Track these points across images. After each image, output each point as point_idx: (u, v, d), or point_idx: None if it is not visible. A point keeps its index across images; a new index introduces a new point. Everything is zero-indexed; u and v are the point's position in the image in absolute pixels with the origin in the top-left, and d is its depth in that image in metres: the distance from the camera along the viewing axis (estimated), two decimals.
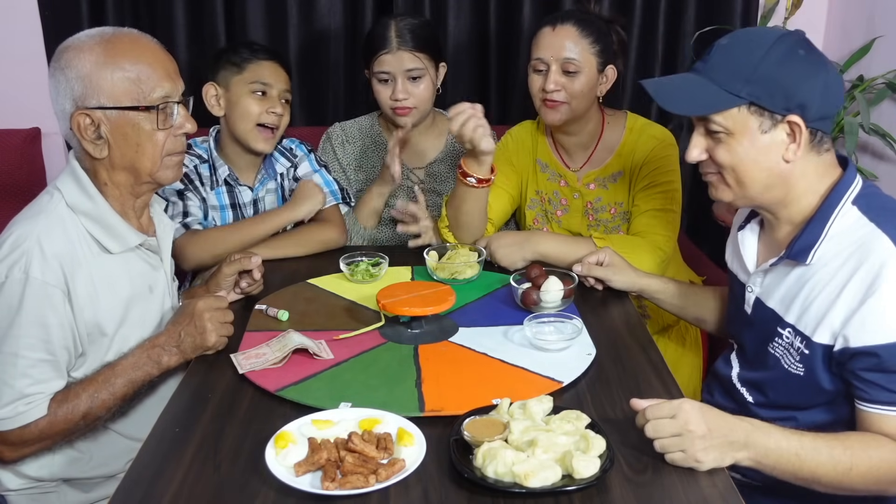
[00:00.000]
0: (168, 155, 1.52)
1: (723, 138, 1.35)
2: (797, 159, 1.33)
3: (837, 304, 1.30)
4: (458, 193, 1.97)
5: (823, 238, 1.34)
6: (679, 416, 1.17)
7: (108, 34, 1.47)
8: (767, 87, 1.30)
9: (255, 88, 1.99)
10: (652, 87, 1.42)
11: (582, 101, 1.94)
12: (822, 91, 1.30)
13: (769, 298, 1.44)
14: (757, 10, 2.65)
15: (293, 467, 1.15)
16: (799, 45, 1.32)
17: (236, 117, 2.00)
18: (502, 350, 1.53)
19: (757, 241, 1.50)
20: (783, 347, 1.40)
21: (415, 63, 2.09)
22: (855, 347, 1.27)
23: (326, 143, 2.28)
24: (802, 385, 1.37)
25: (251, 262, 1.71)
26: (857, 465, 1.22)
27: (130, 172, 1.51)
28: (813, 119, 1.31)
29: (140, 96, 1.46)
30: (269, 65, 2.01)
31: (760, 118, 1.32)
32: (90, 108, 1.44)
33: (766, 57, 1.30)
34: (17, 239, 1.43)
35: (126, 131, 1.47)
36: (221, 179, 2.06)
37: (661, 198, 1.95)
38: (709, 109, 1.35)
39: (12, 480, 1.53)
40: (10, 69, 2.67)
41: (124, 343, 1.54)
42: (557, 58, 1.91)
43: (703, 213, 2.70)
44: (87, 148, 1.47)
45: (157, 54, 1.50)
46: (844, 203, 1.34)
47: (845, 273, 1.31)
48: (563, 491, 1.12)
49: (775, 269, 1.43)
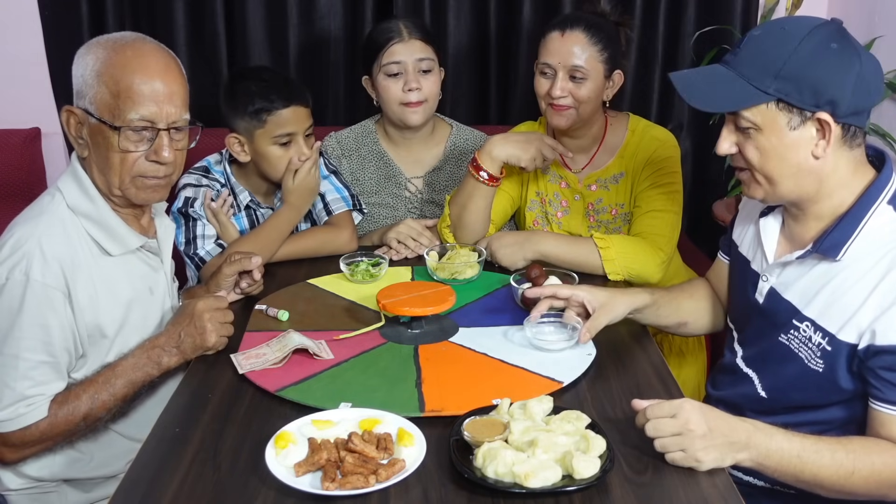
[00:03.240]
0: (140, 177, 1.49)
1: (752, 134, 1.33)
2: (827, 155, 1.31)
3: (868, 303, 1.28)
4: (465, 190, 1.97)
5: (857, 236, 1.31)
6: (679, 416, 1.17)
7: (123, 41, 1.47)
8: (796, 83, 1.27)
9: (281, 140, 1.94)
10: (680, 83, 1.39)
11: (588, 107, 1.94)
12: (855, 85, 1.26)
13: (787, 290, 1.41)
14: (757, 10, 2.65)
15: (293, 467, 1.15)
16: (832, 38, 1.28)
17: (266, 167, 1.97)
18: (502, 350, 1.53)
19: (779, 231, 1.47)
20: (799, 341, 1.38)
21: (426, 52, 2.08)
22: (879, 345, 1.26)
23: (322, 158, 2.24)
24: (820, 382, 1.35)
25: (251, 262, 1.71)
26: (859, 468, 1.22)
27: (107, 180, 1.50)
28: (844, 115, 1.27)
29: (115, 113, 1.43)
30: (288, 112, 1.93)
31: (789, 114, 1.29)
32: (78, 107, 1.46)
33: (797, 52, 1.26)
34: (17, 241, 1.43)
35: (98, 140, 1.47)
36: (242, 206, 2.03)
37: (663, 199, 1.95)
38: (735, 106, 1.32)
39: (13, 480, 1.53)
40: (10, 69, 2.67)
41: (125, 345, 1.54)
42: (565, 65, 1.90)
43: (704, 213, 2.71)
44: (73, 144, 1.50)
45: (158, 76, 1.45)
46: (881, 202, 1.32)
47: (878, 273, 1.29)
48: (564, 491, 1.12)
49: (798, 263, 1.40)
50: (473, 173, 1.94)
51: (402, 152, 2.24)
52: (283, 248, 1.97)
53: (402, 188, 2.24)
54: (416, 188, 2.25)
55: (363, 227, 2.19)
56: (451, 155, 2.25)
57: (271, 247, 1.94)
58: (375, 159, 2.24)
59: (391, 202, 2.24)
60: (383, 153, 2.24)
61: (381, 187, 2.24)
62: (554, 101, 1.93)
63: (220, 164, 2.05)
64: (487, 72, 2.72)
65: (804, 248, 1.38)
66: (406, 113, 2.11)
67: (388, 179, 2.24)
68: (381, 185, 2.24)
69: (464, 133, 2.28)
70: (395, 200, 2.24)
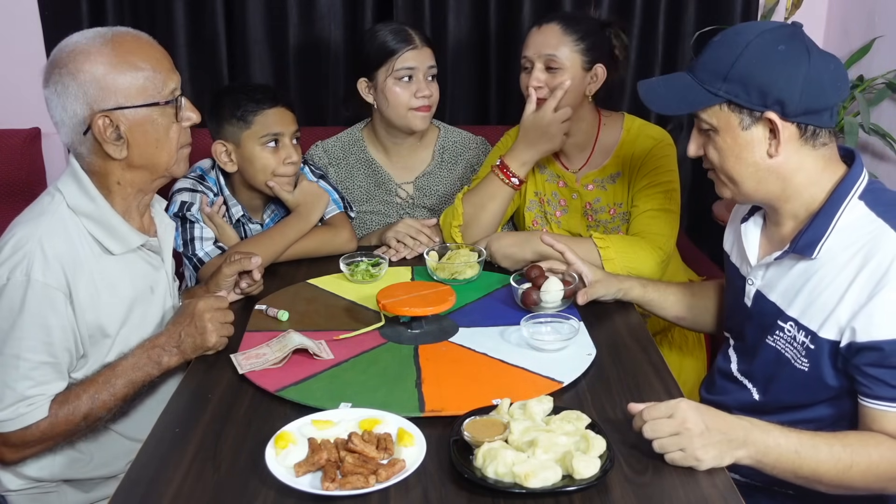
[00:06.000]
0: (181, 148, 1.54)
1: (711, 135, 1.38)
2: (783, 154, 1.33)
3: (845, 299, 1.29)
4: (487, 191, 1.99)
5: (830, 233, 1.33)
6: (676, 415, 1.17)
7: (108, 35, 1.47)
8: (743, 84, 1.31)
9: (267, 141, 1.95)
10: (643, 88, 1.46)
11: (567, 98, 1.94)
12: (803, 85, 1.28)
13: (771, 292, 1.43)
14: (757, 10, 2.66)
15: (293, 468, 1.15)
16: (780, 40, 1.30)
17: (253, 172, 1.97)
18: (502, 350, 1.53)
19: (759, 234, 1.49)
20: (785, 341, 1.40)
21: (433, 61, 2.12)
22: (861, 342, 1.27)
23: (308, 166, 2.19)
24: (807, 380, 1.37)
25: (251, 262, 1.71)
26: (856, 462, 1.22)
27: (147, 169, 1.52)
28: (795, 114, 1.30)
29: (155, 92, 1.47)
30: (275, 112, 1.95)
31: (740, 115, 1.33)
32: (108, 110, 1.44)
33: (743, 54, 1.30)
34: (18, 241, 1.43)
35: (146, 129, 1.47)
36: (234, 219, 2.03)
37: (661, 198, 1.95)
38: (689, 108, 1.38)
39: (12, 481, 1.53)
40: (10, 69, 2.68)
41: (126, 344, 1.54)
42: (539, 55, 1.93)
43: (703, 213, 2.71)
44: (108, 150, 1.46)
45: (158, 50, 1.51)
46: (851, 198, 1.33)
47: (853, 268, 1.30)
48: (564, 491, 1.12)
49: (778, 263, 1.42)
50: (503, 178, 1.96)
51: (391, 158, 2.24)
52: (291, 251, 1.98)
53: (393, 194, 2.24)
54: (406, 193, 2.25)
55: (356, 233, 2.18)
56: (441, 158, 2.25)
57: (275, 252, 1.94)
58: (364, 167, 2.24)
59: (382, 209, 2.24)
60: (371, 160, 2.23)
61: (372, 195, 2.24)
62: (533, 94, 1.94)
63: (213, 172, 2.05)
64: (487, 72, 2.72)
65: (783, 249, 1.39)
66: (415, 118, 2.12)
67: (377, 187, 2.24)
68: (371, 193, 2.24)
69: (452, 135, 2.28)
70: (386, 207, 2.24)
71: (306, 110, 2.71)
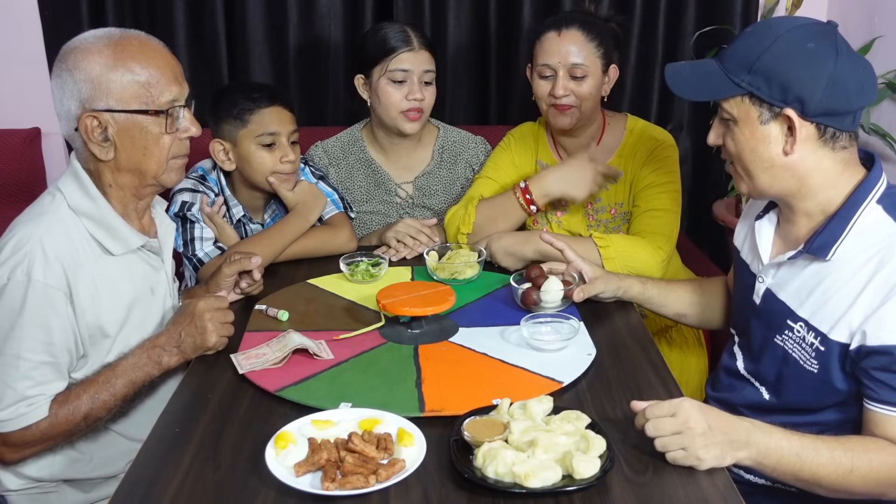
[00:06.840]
0: (173, 158, 1.52)
1: (731, 126, 1.36)
2: (799, 153, 1.32)
3: (858, 303, 1.29)
4: (502, 207, 1.98)
5: (846, 235, 1.32)
6: (679, 414, 1.17)
7: (116, 36, 1.46)
8: (766, 78, 1.29)
9: (264, 140, 1.94)
10: (670, 70, 1.44)
11: (590, 103, 1.95)
12: (826, 86, 1.27)
13: (781, 291, 1.42)
14: (757, 10, 2.66)
15: (293, 467, 1.15)
16: (810, 38, 1.29)
17: (250, 171, 1.97)
18: (502, 350, 1.53)
19: (773, 232, 1.48)
20: (793, 341, 1.39)
21: (431, 65, 2.10)
22: (871, 346, 1.26)
23: (308, 166, 2.20)
24: (816, 383, 1.36)
25: (251, 262, 1.71)
26: (857, 466, 1.22)
27: (135, 175, 1.51)
28: (815, 114, 1.28)
29: (149, 100, 1.46)
30: (272, 111, 1.94)
31: (760, 108, 1.32)
32: (98, 111, 1.44)
33: (771, 48, 1.29)
34: (19, 241, 1.43)
35: (133, 134, 1.47)
36: (235, 219, 2.03)
37: (662, 198, 1.95)
38: (710, 95, 1.37)
39: (12, 481, 1.53)
40: (10, 69, 2.68)
41: (126, 344, 1.53)
42: (565, 63, 1.91)
43: (704, 213, 2.71)
44: (93, 150, 1.47)
45: (165, 58, 1.49)
46: (869, 202, 1.32)
47: (867, 272, 1.29)
48: (564, 491, 1.12)
49: (791, 263, 1.41)
50: (522, 203, 1.96)
51: (390, 158, 2.24)
52: (292, 251, 1.98)
53: (393, 194, 2.24)
54: (406, 193, 2.24)
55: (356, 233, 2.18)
56: (440, 158, 2.24)
57: (274, 251, 1.94)
58: (364, 167, 2.23)
59: (382, 209, 2.24)
60: (371, 160, 2.23)
61: (372, 195, 2.24)
62: (557, 102, 1.93)
63: (214, 172, 2.05)
64: (487, 72, 2.72)
65: (797, 249, 1.38)
66: (403, 122, 2.11)
67: (377, 187, 2.23)
68: (371, 193, 2.24)
69: (451, 135, 2.28)
70: (385, 207, 2.24)
71: (306, 110, 2.71)
